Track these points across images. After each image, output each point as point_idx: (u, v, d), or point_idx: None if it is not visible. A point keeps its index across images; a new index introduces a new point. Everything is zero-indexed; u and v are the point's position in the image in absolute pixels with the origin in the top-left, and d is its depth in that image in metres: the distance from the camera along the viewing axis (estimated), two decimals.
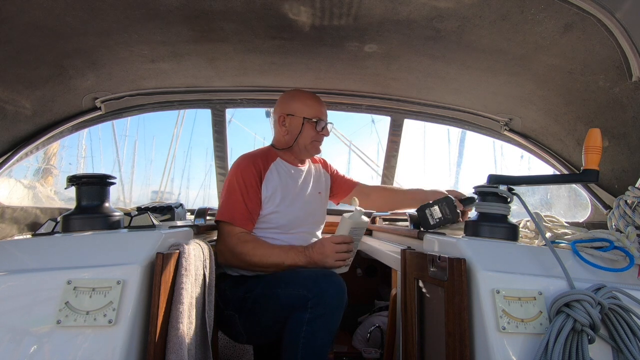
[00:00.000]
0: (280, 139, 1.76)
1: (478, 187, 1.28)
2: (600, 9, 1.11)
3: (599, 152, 1.12)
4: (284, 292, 1.46)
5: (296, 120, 1.71)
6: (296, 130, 1.72)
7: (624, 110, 1.44)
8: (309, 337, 1.37)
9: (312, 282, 1.42)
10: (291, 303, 1.42)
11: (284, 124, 1.72)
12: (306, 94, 1.76)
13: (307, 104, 1.72)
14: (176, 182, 16.95)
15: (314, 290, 1.40)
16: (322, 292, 1.39)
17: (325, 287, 1.40)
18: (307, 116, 1.71)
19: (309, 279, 1.44)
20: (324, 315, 1.38)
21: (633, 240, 1.11)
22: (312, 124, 1.72)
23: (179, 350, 1.02)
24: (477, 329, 0.97)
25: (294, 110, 1.71)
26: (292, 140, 1.73)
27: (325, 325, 1.39)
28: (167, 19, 1.35)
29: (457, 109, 2.17)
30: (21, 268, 1.00)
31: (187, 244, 1.16)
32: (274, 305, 1.47)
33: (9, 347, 0.91)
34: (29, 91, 1.57)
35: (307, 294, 1.40)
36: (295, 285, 1.44)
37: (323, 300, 1.38)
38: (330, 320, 1.40)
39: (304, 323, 1.38)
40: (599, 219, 1.90)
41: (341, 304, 1.41)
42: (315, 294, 1.39)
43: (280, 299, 1.45)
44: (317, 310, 1.38)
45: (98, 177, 1.26)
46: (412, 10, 1.27)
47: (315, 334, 1.38)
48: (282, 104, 1.74)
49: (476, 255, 1.03)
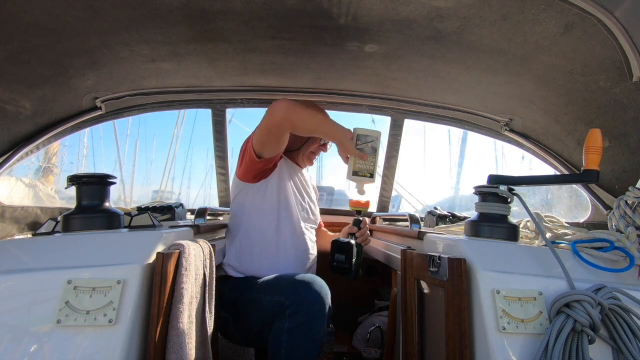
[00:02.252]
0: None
1: (478, 187, 1.28)
2: (601, 9, 1.11)
3: (600, 152, 1.12)
4: (266, 298, 1.43)
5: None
6: (302, 138, 1.79)
7: (624, 110, 1.44)
8: (290, 347, 1.33)
9: (289, 289, 1.37)
10: (271, 310, 1.39)
11: None
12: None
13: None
14: (176, 181, 16.98)
15: (291, 297, 1.35)
16: (301, 300, 1.34)
17: (304, 293, 1.35)
18: None
19: (287, 286, 1.39)
20: (304, 324, 1.33)
21: (633, 240, 1.11)
22: (317, 138, 1.80)
23: (179, 350, 1.02)
24: (477, 329, 0.97)
25: None
26: (299, 145, 1.81)
27: (307, 334, 1.33)
28: (168, 19, 1.35)
29: (457, 109, 2.17)
30: (21, 267, 1.00)
31: (187, 243, 1.16)
32: (258, 310, 1.45)
33: (9, 347, 0.91)
34: (29, 91, 1.57)
35: (285, 301, 1.35)
36: (274, 292, 1.40)
37: (302, 308, 1.33)
38: (311, 328, 1.34)
39: (284, 332, 1.33)
40: (599, 220, 1.90)
41: (322, 312, 1.35)
42: (292, 302, 1.34)
43: (263, 304, 1.43)
44: (297, 319, 1.33)
45: (98, 177, 1.26)
46: (412, 10, 1.27)
47: (296, 345, 1.32)
48: None
49: (476, 255, 1.03)
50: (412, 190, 8.12)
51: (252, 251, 1.67)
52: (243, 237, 1.69)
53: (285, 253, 1.70)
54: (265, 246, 1.68)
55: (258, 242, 1.68)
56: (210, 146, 2.48)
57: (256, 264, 1.66)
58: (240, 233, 1.70)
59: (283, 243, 1.70)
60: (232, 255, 1.71)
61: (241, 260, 1.68)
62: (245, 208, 1.71)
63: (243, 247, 1.69)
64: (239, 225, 1.72)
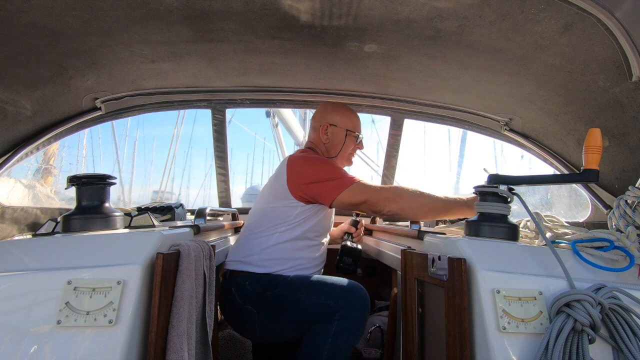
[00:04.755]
0: (321, 148, 1.85)
1: (478, 187, 1.28)
2: (601, 8, 1.11)
3: (599, 152, 1.12)
4: (309, 298, 1.46)
5: (338, 131, 1.81)
6: (338, 140, 1.82)
7: (624, 110, 1.44)
8: (333, 349, 1.38)
9: (339, 294, 1.43)
10: (316, 311, 1.43)
11: (326, 132, 1.81)
12: (348, 108, 1.89)
13: (350, 117, 1.84)
14: (176, 182, 16.99)
15: (342, 302, 1.41)
16: (350, 305, 1.41)
17: (353, 300, 1.42)
18: (350, 129, 1.82)
19: (337, 290, 1.44)
20: (348, 329, 1.39)
21: (633, 240, 1.11)
22: (353, 138, 1.83)
23: (179, 350, 1.02)
24: (478, 329, 0.97)
25: (337, 121, 1.82)
26: (337, 150, 1.82)
27: (349, 338, 1.40)
28: (167, 19, 1.35)
29: (457, 108, 2.17)
30: (21, 268, 1.00)
31: (187, 244, 1.16)
32: (295, 308, 1.47)
33: (9, 347, 0.91)
34: (29, 91, 1.57)
35: (335, 305, 1.40)
36: (321, 295, 1.45)
37: (350, 313, 1.40)
38: (354, 333, 1.41)
39: (330, 335, 1.39)
40: (599, 219, 1.90)
41: (365, 318, 1.44)
42: (342, 306, 1.40)
43: (304, 304, 1.45)
44: (343, 324, 1.39)
45: (98, 177, 1.26)
46: (412, 10, 1.27)
47: (339, 348, 1.39)
48: (324, 113, 1.84)
49: (476, 255, 1.03)
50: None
51: (292, 255, 1.65)
52: (283, 238, 1.65)
53: (315, 260, 1.73)
54: (305, 254, 1.69)
55: (300, 248, 1.67)
56: (210, 146, 2.49)
57: (284, 265, 1.64)
58: (278, 235, 1.65)
59: (321, 255, 1.76)
60: (256, 251, 1.65)
61: (269, 258, 1.64)
62: (293, 213, 1.66)
63: (279, 249, 1.65)
64: (278, 226, 1.67)
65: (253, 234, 1.70)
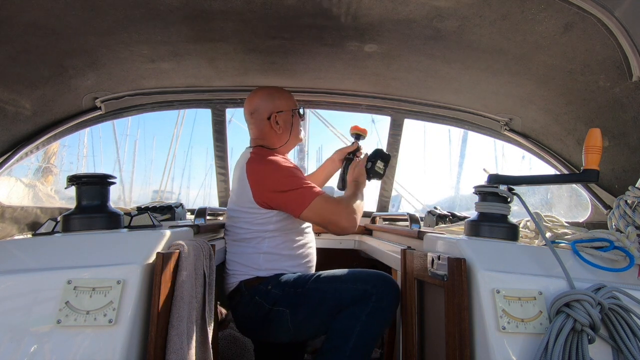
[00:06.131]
0: (274, 139, 1.76)
1: (478, 187, 1.28)
2: (601, 8, 1.11)
3: (599, 152, 1.12)
4: (345, 286, 1.49)
5: (286, 115, 1.76)
6: (288, 124, 1.77)
7: (624, 110, 1.44)
8: (363, 329, 1.42)
9: (376, 280, 1.48)
10: (354, 296, 1.46)
11: (276, 121, 1.74)
12: (279, 88, 1.84)
13: (288, 97, 1.80)
14: (176, 181, 16.99)
15: (378, 286, 1.46)
16: (386, 289, 1.46)
17: (389, 285, 1.47)
18: (293, 107, 1.79)
19: (372, 277, 1.50)
20: (382, 310, 1.43)
21: (633, 240, 1.11)
22: (297, 114, 1.80)
23: (179, 350, 1.02)
24: (477, 328, 0.97)
25: (282, 106, 1.75)
26: (288, 133, 1.78)
27: (380, 319, 1.44)
28: (167, 19, 1.35)
29: (457, 108, 2.17)
30: (21, 268, 1.00)
31: (187, 243, 1.16)
32: (333, 298, 1.49)
33: (9, 347, 0.91)
34: (29, 91, 1.57)
35: (371, 290, 1.45)
36: (356, 281, 1.49)
37: (385, 296, 1.44)
38: (385, 315, 1.45)
39: (364, 314, 1.43)
40: (599, 219, 1.90)
41: (397, 303, 1.48)
42: (378, 290, 1.45)
43: (341, 292, 1.49)
44: (379, 305, 1.43)
45: (98, 177, 1.26)
46: (412, 10, 1.27)
47: (370, 326, 1.43)
48: (266, 104, 1.75)
49: (476, 255, 1.03)
50: (412, 190, 8.13)
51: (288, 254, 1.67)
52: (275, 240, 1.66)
53: (307, 253, 1.74)
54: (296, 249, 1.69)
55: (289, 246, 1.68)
56: (210, 146, 2.49)
57: (285, 263, 1.65)
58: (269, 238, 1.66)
59: (309, 243, 1.76)
60: (258, 257, 1.65)
61: (272, 260, 1.65)
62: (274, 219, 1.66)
63: (278, 248, 1.66)
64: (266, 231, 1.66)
65: (245, 240, 1.68)
